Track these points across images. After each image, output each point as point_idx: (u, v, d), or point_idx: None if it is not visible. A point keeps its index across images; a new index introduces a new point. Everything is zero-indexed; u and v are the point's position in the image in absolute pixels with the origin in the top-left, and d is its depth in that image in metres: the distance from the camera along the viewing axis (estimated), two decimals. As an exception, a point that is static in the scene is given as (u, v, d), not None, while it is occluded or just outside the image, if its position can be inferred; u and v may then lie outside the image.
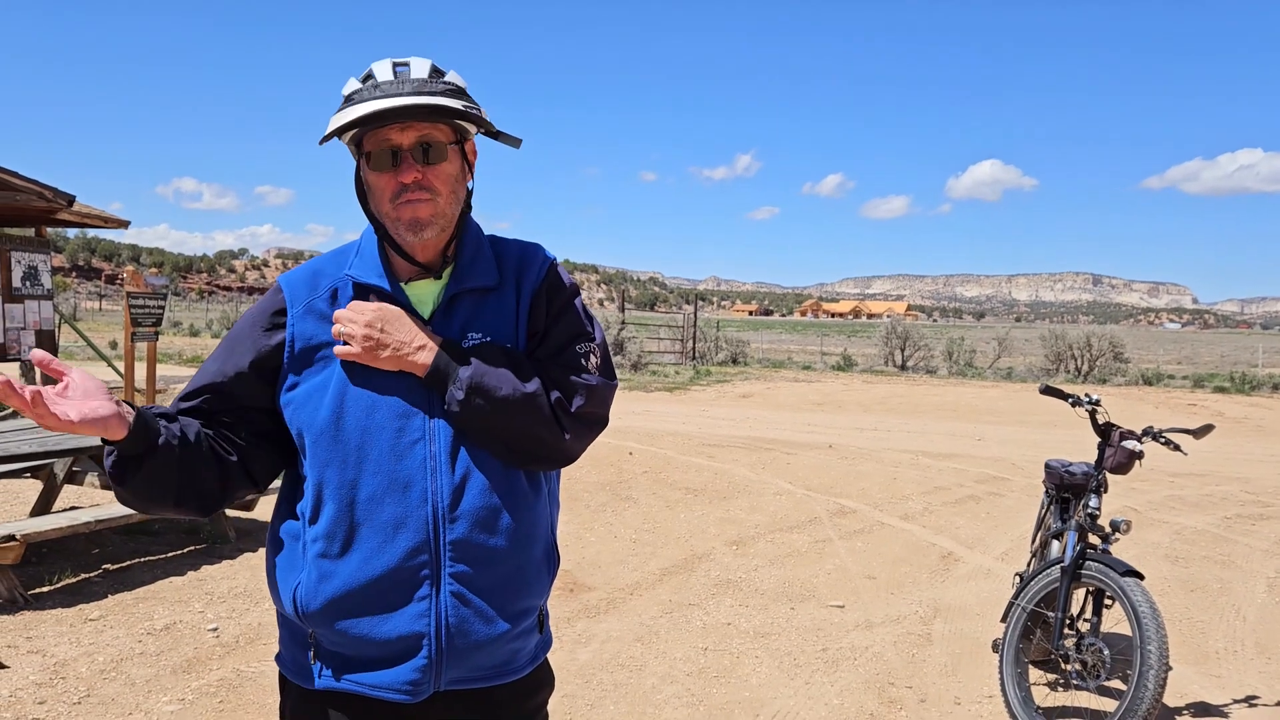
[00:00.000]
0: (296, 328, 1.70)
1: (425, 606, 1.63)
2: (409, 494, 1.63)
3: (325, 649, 1.70)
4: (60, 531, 5.46)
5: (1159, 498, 9.26)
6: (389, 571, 1.63)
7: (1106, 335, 28.83)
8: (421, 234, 1.67)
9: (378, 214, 1.71)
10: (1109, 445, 4.24)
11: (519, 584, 1.71)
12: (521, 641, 1.75)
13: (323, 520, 1.66)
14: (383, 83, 1.64)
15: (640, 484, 9.20)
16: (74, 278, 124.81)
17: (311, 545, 1.67)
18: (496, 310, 1.75)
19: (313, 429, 1.66)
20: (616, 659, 4.75)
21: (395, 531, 1.63)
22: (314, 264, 1.80)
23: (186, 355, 24.55)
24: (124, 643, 4.72)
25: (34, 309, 10.38)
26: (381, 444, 1.64)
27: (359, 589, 1.63)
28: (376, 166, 1.66)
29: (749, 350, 32.82)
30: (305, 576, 1.67)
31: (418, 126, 1.65)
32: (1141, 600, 3.67)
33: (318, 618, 1.66)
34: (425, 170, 1.66)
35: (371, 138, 1.66)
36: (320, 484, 1.66)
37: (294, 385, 1.69)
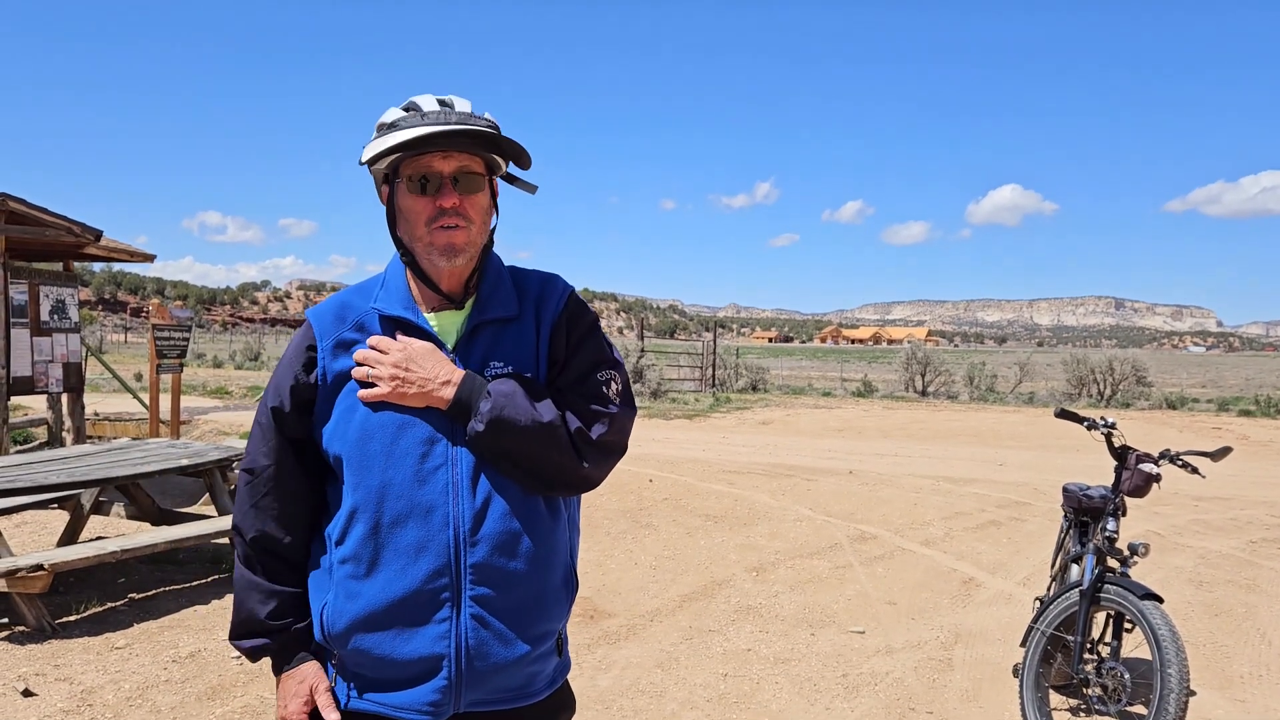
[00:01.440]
0: (326, 361, 1.77)
1: (446, 628, 1.68)
2: (431, 518, 1.68)
3: (349, 670, 1.75)
4: (87, 561, 5.53)
5: (1183, 521, 9.18)
6: (410, 593, 1.68)
7: (1129, 359, 28.63)
8: (454, 260, 1.74)
9: (409, 239, 1.77)
10: (1126, 468, 4.24)
11: (538, 607, 1.75)
12: (540, 664, 1.79)
13: (349, 542, 1.72)
14: (429, 113, 1.73)
15: (660, 511, 9.21)
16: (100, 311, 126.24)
17: (339, 567, 1.73)
18: (517, 340, 1.80)
19: (341, 455, 1.73)
20: (637, 685, 4.76)
21: (417, 555, 1.68)
22: (340, 297, 1.86)
23: (210, 386, 24.75)
24: (150, 670, 4.78)
25: (61, 342, 10.54)
26: (405, 469, 1.69)
27: (382, 610, 1.68)
28: (415, 190, 1.73)
29: (769, 377, 32.79)
30: (332, 597, 1.73)
31: (459, 157, 1.73)
32: (1161, 623, 3.66)
33: (342, 638, 1.72)
34: (462, 199, 1.73)
35: (412, 163, 1.73)
36: (347, 507, 1.72)
37: (326, 414, 1.76)
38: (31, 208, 9.63)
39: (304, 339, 1.81)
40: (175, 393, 12.30)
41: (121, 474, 6.32)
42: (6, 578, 5.11)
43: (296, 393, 1.78)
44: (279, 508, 1.79)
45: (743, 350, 44.81)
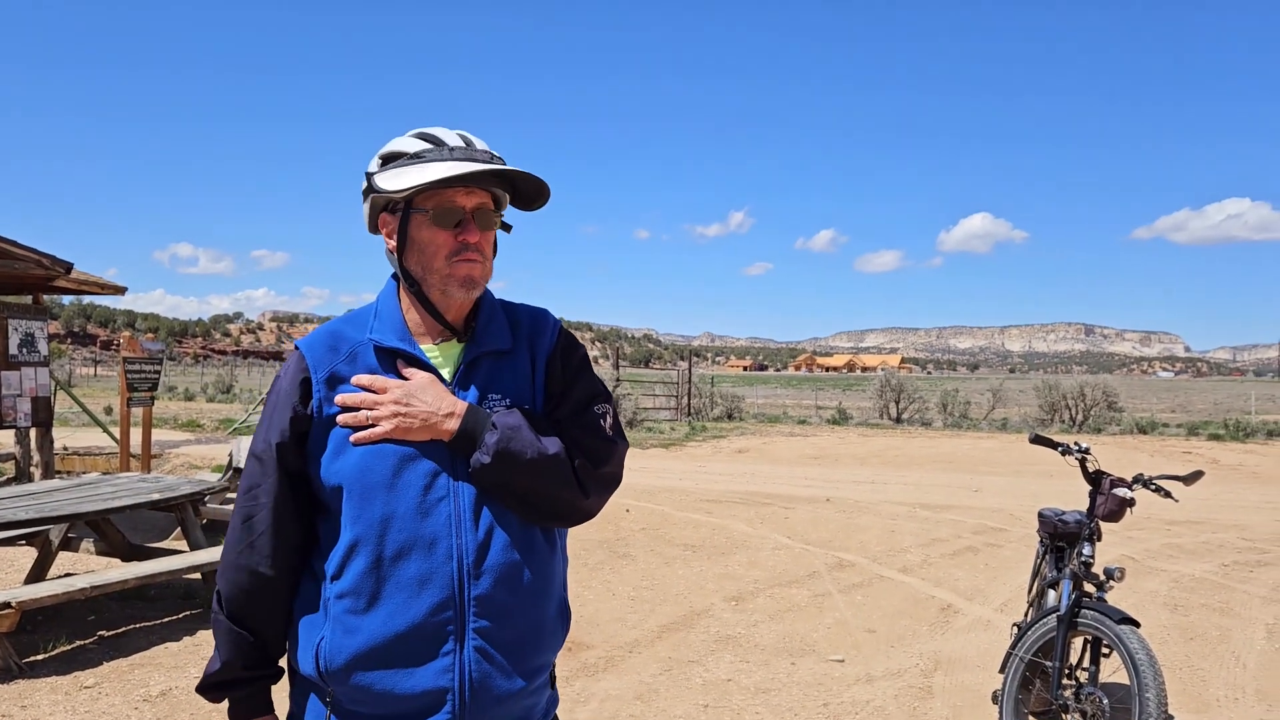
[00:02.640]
0: (321, 393, 1.75)
1: (449, 661, 1.66)
2: (434, 551, 1.67)
3: (344, 707, 1.71)
4: (55, 598, 5.43)
5: (1157, 546, 9.25)
6: (414, 627, 1.65)
7: (1100, 385, 28.93)
8: (472, 292, 1.76)
9: (422, 270, 1.77)
10: (1100, 493, 4.26)
11: (537, 639, 1.75)
12: (536, 697, 1.78)
13: (348, 576, 1.69)
14: (455, 148, 1.74)
15: (638, 541, 9.17)
16: (69, 344, 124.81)
17: (335, 602, 1.70)
18: (512, 372, 1.81)
19: (341, 485, 1.70)
20: (616, 718, 4.72)
21: (421, 588, 1.66)
22: (331, 327, 1.84)
23: (182, 420, 24.49)
24: (119, 710, 4.69)
25: (30, 375, 10.41)
26: (408, 502, 1.68)
27: (384, 644, 1.66)
28: (439, 223, 1.74)
29: (744, 405, 32.85)
30: (329, 632, 1.70)
31: (479, 194, 1.76)
32: (1138, 648, 3.68)
33: (341, 674, 1.68)
34: (480, 234, 1.76)
35: (434, 197, 1.74)
36: (346, 541, 1.70)
37: (321, 446, 1.74)
38: (0, 240, 9.53)
39: (297, 371, 1.78)
40: (146, 426, 12.16)
41: (91, 509, 6.23)
42: (-28, 617, 5.01)
43: (296, 424, 1.75)
44: (274, 547, 1.75)
45: (718, 379, 44.91)
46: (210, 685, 1.81)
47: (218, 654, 1.79)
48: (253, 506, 1.77)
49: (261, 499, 1.76)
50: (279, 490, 1.76)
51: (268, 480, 1.76)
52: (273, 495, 1.76)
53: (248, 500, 1.78)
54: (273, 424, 1.77)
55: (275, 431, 1.76)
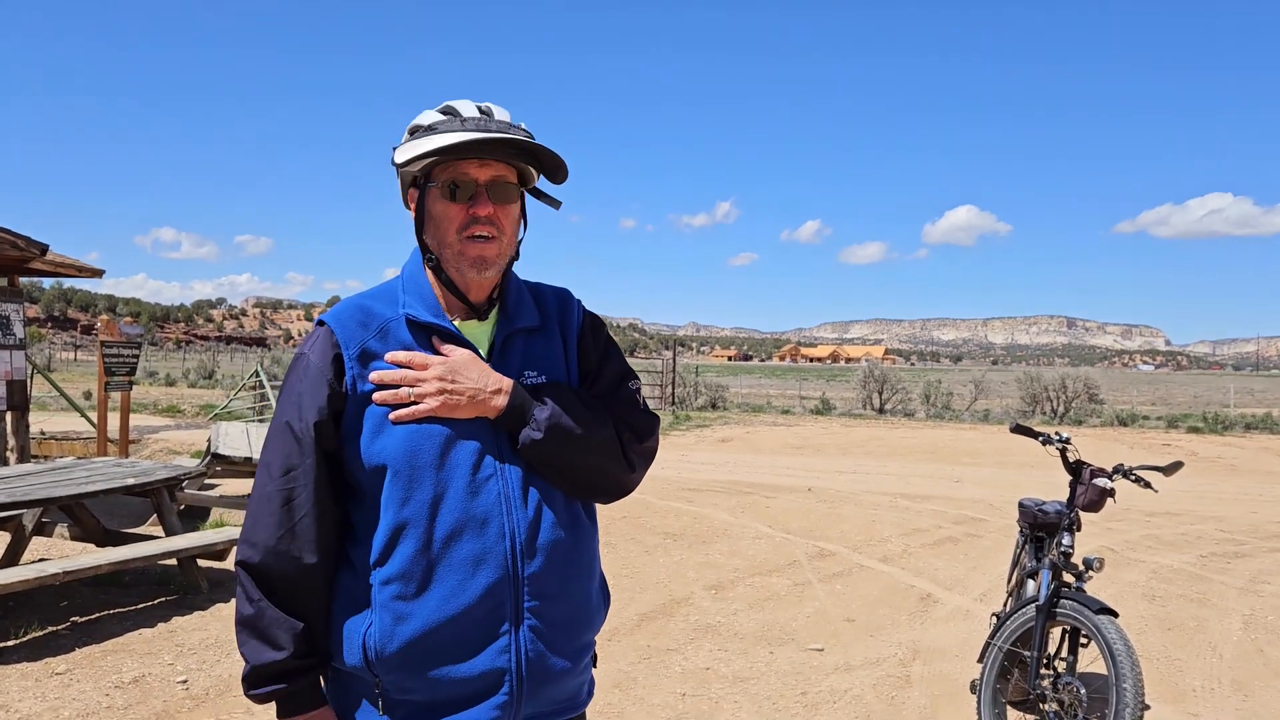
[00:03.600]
0: (355, 370, 1.68)
1: (506, 642, 1.64)
2: (486, 530, 1.64)
3: (393, 697, 1.65)
4: (28, 584, 5.37)
5: (1135, 537, 9.29)
6: (470, 608, 1.62)
7: (1081, 377, 29.11)
8: (484, 272, 1.71)
9: (438, 245, 1.73)
10: (1080, 483, 4.26)
11: (585, 617, 1.75)
12: (584, 676, 1.79)
13: (396, 561, 1.63)
14: (469, 119, 1.69)
15: (618, 529, 9.15)
16: (49, 328, 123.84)
17: (382, 589, 1.63)
18: (545, 350, 1.80)
19: (386, 466, 1.64)
20: (593, 707, 4.69)
21: (475, 568, 1.62)
22: (358, 301, 1.76)
23: (162, 405, 24.33)
24: (91, 697, 4.63)
25: (5, 359, 10.28)
26: (458, 482, 1.64)
27: (439, 627, 1.61)
28: (449, 196, 1.69)
29: (728, 395, 32.88)
30: (377, 619, 1.63)
31: (495, 166, 1.71)
32: (1116, 638, 3.68)
33: (393, 661, 1.62)
34: (496, 208, 1.70)
35: (447, 169, 1.70)
36: (392, 524, 1.63)
37: (357, 427, 1.67)
38: (-25, 221, 9.39)
39: (328, 347, 1.69)
40: (124, 411, 12.05)
41: (64, 494, 6.16)
42: (-59, 602, 4.94)
43: (333, 402, 1.67)
44: (317, 531, 1.66)
45: (702, 368, 44.92)
46: (264, 678, 1.67)
47: (263, 646, 1.66)
48: (292, 489, 1.66)
49: (301, 480, 1.66)
50: (319, 472, 1.67)
51: (307, 461, 1.66)
52: (313, 477, 1.67)
53: (286, 482, 1.67)
54: (307, 402, 1.67)
55: (312, 410, 1.66)
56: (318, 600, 1.69)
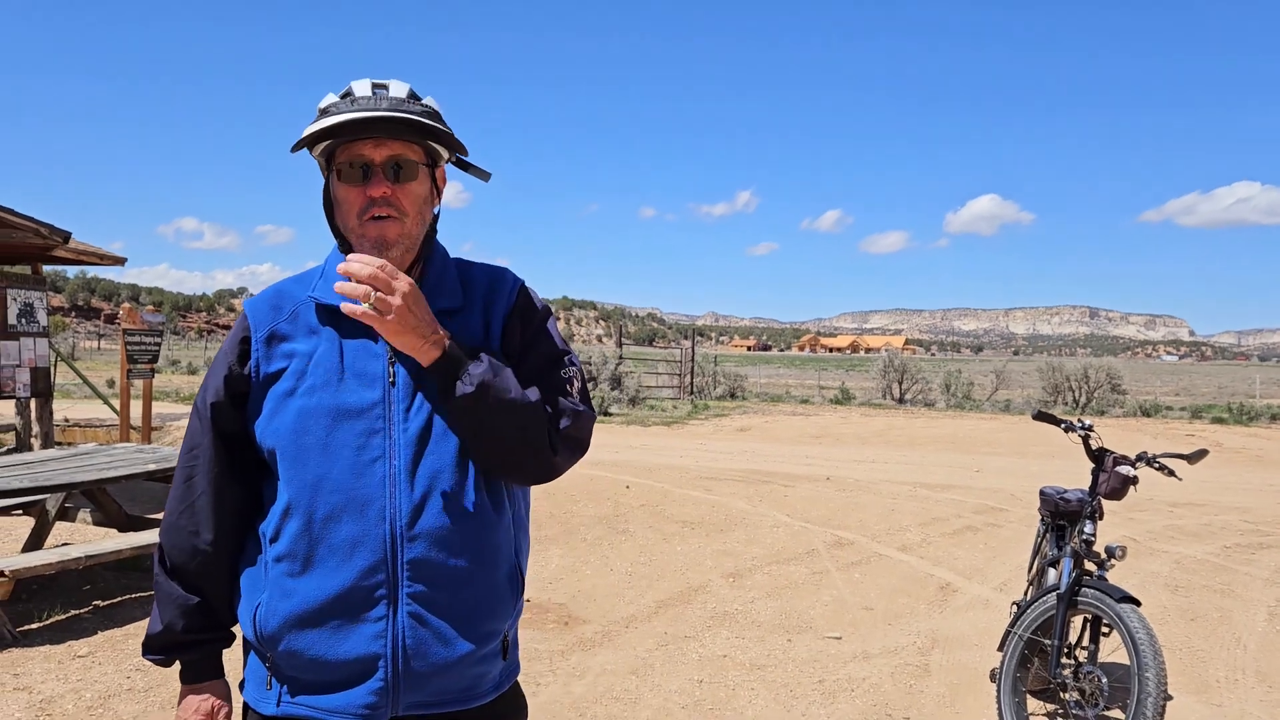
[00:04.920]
0: (260, 353, 1.71)
1: (382, 627, 1.62)
2: (367, 513, 1.62)
3: (283, 671, 1.68)
4: (51, 567, 5.41)
5: (1158, 527, 9.21)
6: (345, 591, 1.61)
7: (1104, 367, 28.85)
8: (386, 252, 1.67)
9: (344, 229, 1.72)
10: (1103, 471, 4.22)
11: (480, 606, 1.69)
12: (485, 666, 1.72)
13: (283, 539, 1.65)
14: (360, 98, 1.66)
15: (637, 517, 9.15)
16: (73, 317, 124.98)
17: (274, 565, 1.67)
18: (461, 332, 1.73)
19: (275, 448, 1.67)
20: (611, 692, 4.69)
21: (352, 550, 1.62)
22: (278, 286, 1.81)
23: (184, 393, 24.50)
24: (112, 679, 4.67)
25: (29, 346, 10.37)
26: (341, 462, 1.63)
27: (315, 608, 1.62)
28: (346, 180, 1.67)
29: (747, 385, 32.81)
30: (266, 596, 1.67)
31: (391, 145, 1.66)
32: (1138, 627, 3.64)
33: (275, 638, 1.65)
34: (395, 188, 1.67)
35: (344, 151, 1.67)
36: (282, 503, 1.66)
37: (258, 408, 1.70)
38: (-1, 209, 9.47)
39: (239, 330, 1.75)
40: (146, 398, 12.14)
41: (87, 479, 6.20)
42: (-34, 584, 4.99)
43: (231, 384, 1.73)
44: (213, 508, 1.72)
45: (721, 358, 44.85)
46: (155, 648, 1.77)
47: (157, 616, 1.75)
48: (192, 467, 1.74)
49: (199, 460, 1.74)
50: (215, 451, 1.73)
51: (205, 440, 1.74)
52: (209, 457, 1.73)
53: (189, 460, 1.75)
54: (209, 384, 1.75)
55: (210, 391, 1.74)
56: (215, 577, 1.74)
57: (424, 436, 1.66)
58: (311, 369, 1.68)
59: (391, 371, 1.68)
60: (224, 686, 1.80)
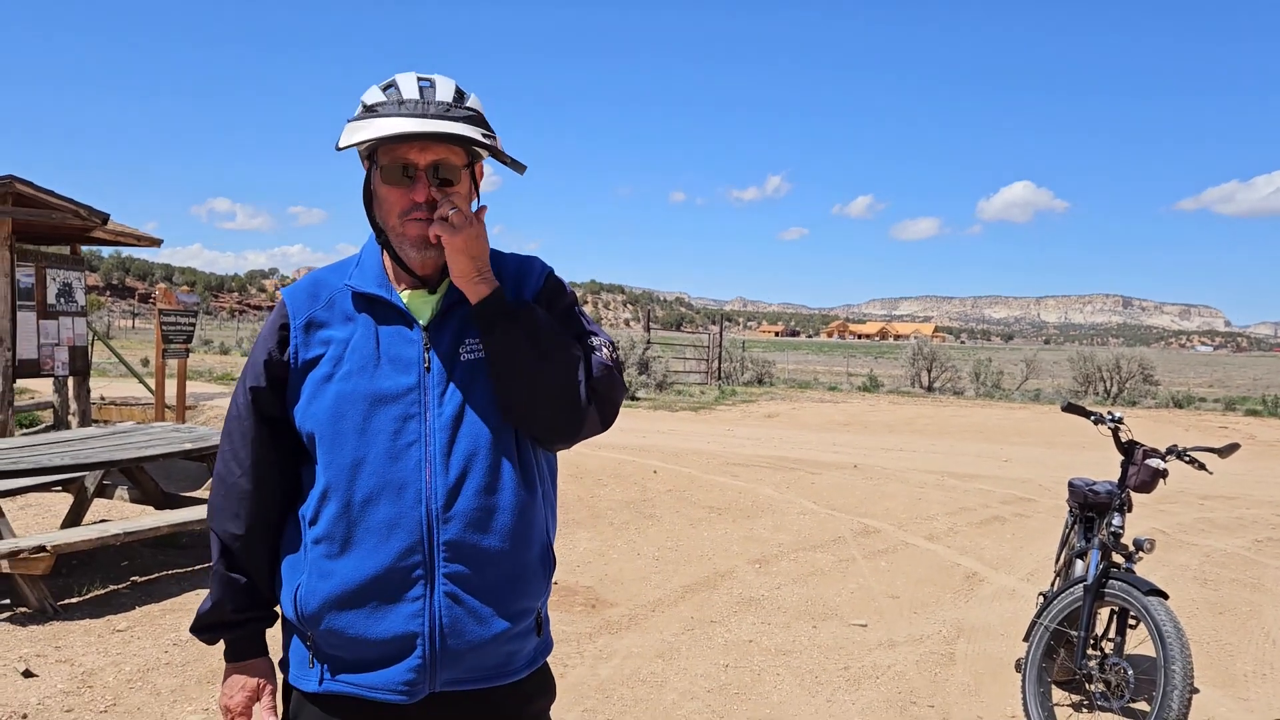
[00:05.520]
0: (298, 339, 1.76)
1: (419, 607, 1.67)
2: (403, 495, 1.67)
3: (323, 651, 1.73)
4: (90, 544, 5.54)
5: (1188, 520, 9.15)
6: (383, 572, 1.66)
7: (1136, 357, 28.52)
8: (426, 252, 1.72)
9: (383, 224, 1.76)
10: (1132, 463, 4.21)
11: (514, 584, 1.74)
12: (518, 643, 1.77)
13: (322, 522, 1.71)
14: (407, 100, 1.68)
15: (664, 502, 9.20)
16: (108, 296, 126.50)
17: (313, 547, 1.72)
18: None
19: (314, 432, 1.72)
20: (637, 675, 4.75)
21: (390, 532, 1.67)
22: (315, 274, 1.86)
23: (217, 373, 24.78)
24: (150, 653, 4.78)
25: (68, 325, 10.55)
26: (378, 446, 1.68)
27: (354, 589, 1.67)
28: (390, 180, 1.71)
29: (775, 371, 32.73)
30: (306, 577, 1.72)
31: (435, 149, 1.70)
32: (1165, 619, 3.64)
33: (315, 618, 1.70)
34: (437, 191, 1.71)
35: (388, 152, 1.71)
36: (320, 486, 1.71)
37: (297, 393, 1.76)
38: (38, 190, 9.63)
39: (278, 317, 1.80)
40: (181, 378, 12.31)
41: (125, 457, 6.32)
42: (9, 559, 5.12)
43: (270, 370, 1.78)
44: (253, 492, 1.78)
45: (749, 344, 44.78)
46: (203, 626, 1.84)
47: (209, 595, 1.82)
48: (231, 452, 1.80)
49: (239, 444, 1.79)
50: (255, 436, 1.78)
51: (245, 424, 1.79)
52: (250, 440, 1.78)
53: (227, 445, 1.81)
54: (249, 371, 1.80)
55: (251, 376, 1.79)
56: (259, 558, 1.80)
57: (458, 420, 1.71)
58: (348, 355, 1.73)
59: (426, 357, 1.73)
60: (267, 664, 1.85)
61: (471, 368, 1.72)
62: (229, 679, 1.83)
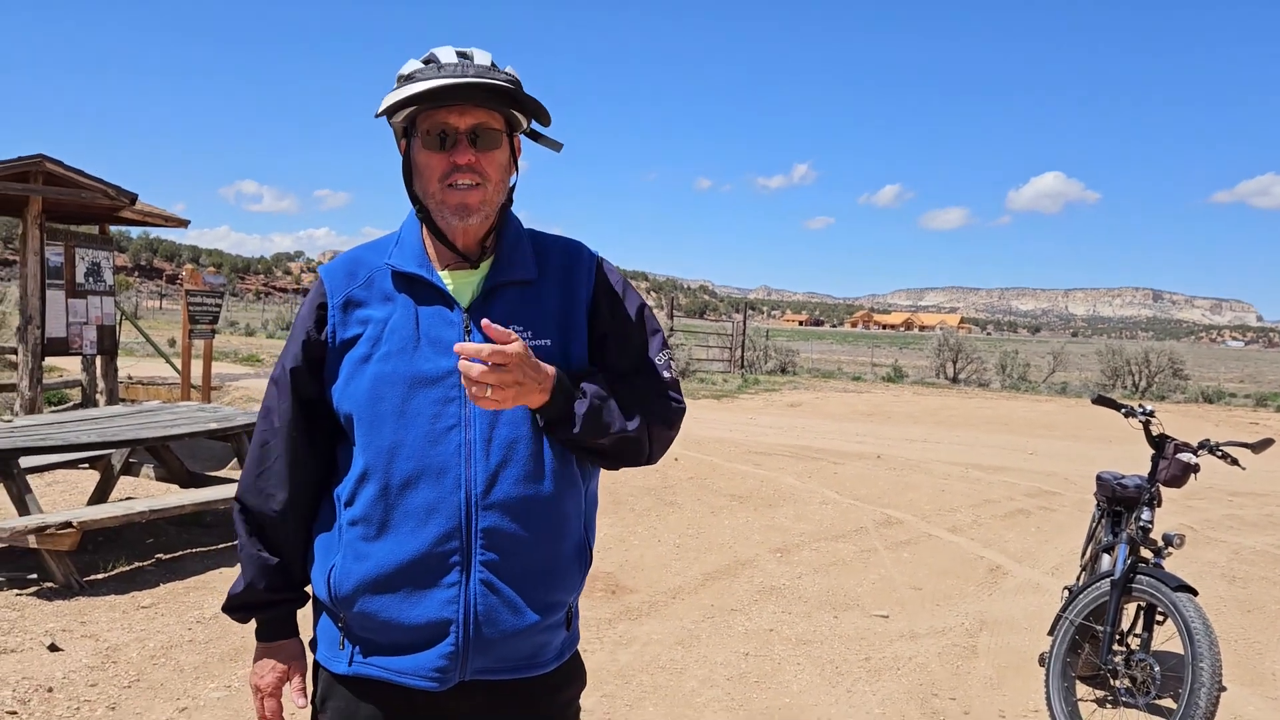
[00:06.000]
0: (336, 318, 1.74)
1: (454, 593, 1.65)
2: (443, 480, 1.65)
3: (355, 633, 1.72)
4: (116, 520, 5.58)
5: (1217, 516, 9.03)
6: (419, 556, 1.64)
7: (1166, 351, 28.20)
8: (468, 219, 1.69)
9: (423, 195, 1.73)
10: (1163, 457, 4.14)
11: (549, 576, 1.71)
12: (549, 635, 1.75)
13: (359, 504, 1.69)
14: (446, 64, 1.67)
15: (685, 489, 9.18)
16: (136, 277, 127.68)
17: (348, 529, 1.70)
18: (536, 305, 1.75)
19: (352, 414, 1.70)
20: (657, 661, 4.74)
21: (427, 517, 1.65)
22: (353, 253, 1.83)
23: (242, 354, 24.97)
24: (174, 630, 4.82)
25: (96, 304, 10.64)
26: (417, 429, 1.66)
27: (390, 573, 1.65)
28: (430, 145, 1.68)
29: (798, 360, 32.60)
30: (340, 559, 1.70)
31: (475, 113, 1.67)
32: (1194, 616, 3.58)
33: (349, 599, 1.68)
34: (478, 155, 1.68)
35: (428, 118, 1.68)
36: (358, 468, 1.69)
37: (335, 373, 1.73)
38: (68, 169, 9.70)
39: (316, 296, 1.78)
40: (207, 358, 12.40)
41: (151, 435, 6.37)
42: (36, 534, 5.17)
43: (309, 350, 1.76)
44: (289, 472, 1.76)
45: (773, 332, 44.60)
46: (235, 606, 1.83)
47: (241, 575, 1.80)
48: (268, 431, 1.78)
49: (276, 424, 1.77)
50: (293, 416, 1.76)
51: (282, 405, 1.77)
52: (286, 421, 1.77)
53: (264, 424, 1.79)
54: (288, 350, 1.78)
55: (289, 356, 1.77)
56: (292, 538, 1.78)
57: None
58: (387, 335, 1.70)
59: (468, 340, 1.69)
60: (298, 645, 1.84)
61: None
62: (260, 659, 1.82)
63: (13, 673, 4.16)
